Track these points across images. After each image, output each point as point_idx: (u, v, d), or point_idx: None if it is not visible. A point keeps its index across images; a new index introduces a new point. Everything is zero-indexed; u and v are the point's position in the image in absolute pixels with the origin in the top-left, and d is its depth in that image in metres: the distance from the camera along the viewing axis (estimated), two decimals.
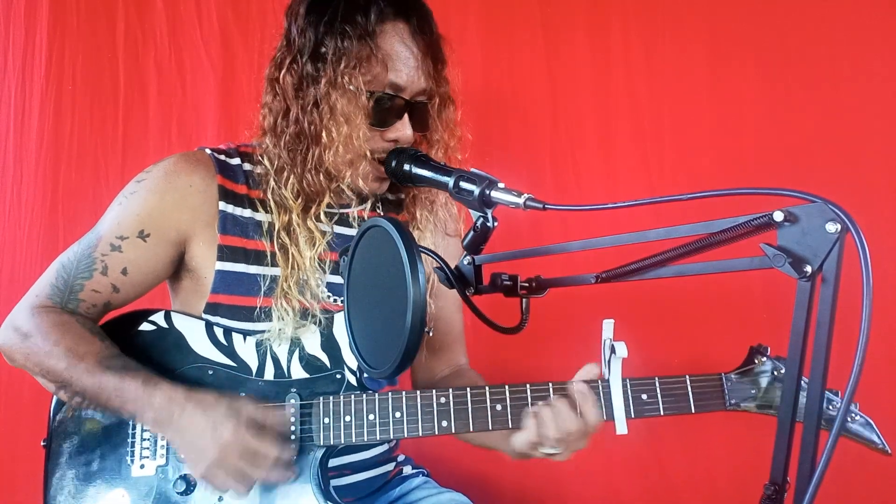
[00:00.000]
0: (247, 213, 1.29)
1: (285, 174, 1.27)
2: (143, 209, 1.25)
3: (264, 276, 1.27)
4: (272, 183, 1.29)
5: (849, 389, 0.57)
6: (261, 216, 1.30)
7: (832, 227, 0.61)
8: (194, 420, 1.12)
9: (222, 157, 1.32)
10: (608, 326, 1.09)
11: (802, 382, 0.69)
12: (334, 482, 1.29)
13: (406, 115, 1.25)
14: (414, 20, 1.25)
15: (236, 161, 1.33)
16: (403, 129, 1.25)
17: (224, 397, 1.16)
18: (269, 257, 1.27)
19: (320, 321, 1.26)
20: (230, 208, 1.28)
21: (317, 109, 1.21)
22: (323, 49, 1.21)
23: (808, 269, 0.63)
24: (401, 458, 1.55)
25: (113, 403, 1.15)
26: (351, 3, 1.21)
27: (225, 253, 1.26)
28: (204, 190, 1.26)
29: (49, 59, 1.99)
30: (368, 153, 1.24)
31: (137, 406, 1.14)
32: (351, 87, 1.19)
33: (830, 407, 1.11)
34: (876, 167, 1.75)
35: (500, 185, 0.95)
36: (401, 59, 1.23)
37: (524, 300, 1.03)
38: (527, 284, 1.02)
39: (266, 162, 1.30)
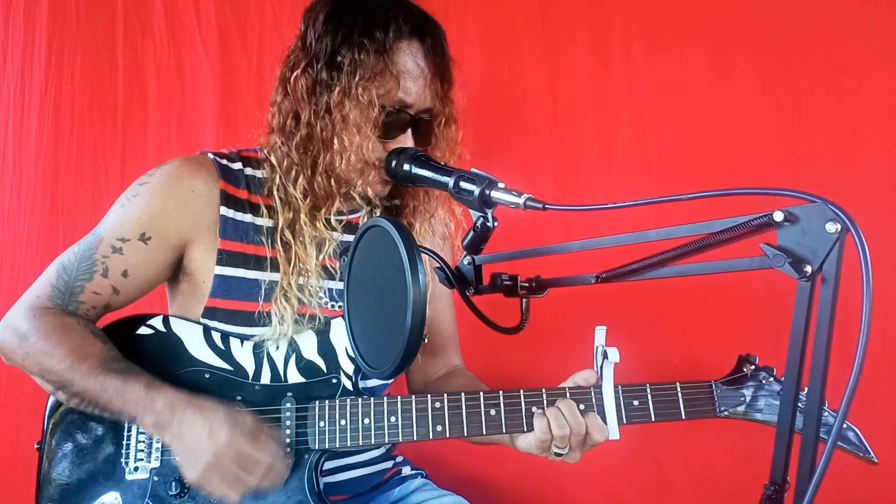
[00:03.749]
0: (247, 217, 1.30)
1: (293, 173, 1.28)
2: (145, 212, 1.25)
3: (264, 280, 1.27)
4: (278, 181, 1.29)
5: (849, 388, 0.57)
6: (261, 220, 1.30)
7: (832, 227, 0.61)
8: (193, 424, 1.12)
9: (224, 161, 1.32)
10: (600, 334, 1.11)
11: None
12: (328, 479, 1.29)
13: (409, 130, 1.27)
14: (429, 41, 1.27)
15: (238, 165, 1.34)
16: (406, 143, 1.26)
17: (224, 404, 1.15)
18: (268, 262, 1.28)
19: (319, 320, 1.26)
20: (231, 213, 1.28)
21: (329, 116, 1.23)
22: (339, 58, 1.22)
23: (808, 269, 0.63)
24: (399, 458, 1.55)
25: (114, 405, 1.15)
26: (371, 17, 1.23)
27: (224, 257, 1.26)
28: (206, 195, 1.27)
29: (48, 59, 1.99)
30: (376, 162, 1.26)
31: (139, 409, 1.14)
32: (364, 99, 1.20)
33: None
34: (876, 167, 1.74)
35: (500, 185, 0.95)
36: (412, 77, 1.25)
37: (524, 300, 1.04)
38: (527, 284, 1.02)
39: (273, 159, 1.31)
